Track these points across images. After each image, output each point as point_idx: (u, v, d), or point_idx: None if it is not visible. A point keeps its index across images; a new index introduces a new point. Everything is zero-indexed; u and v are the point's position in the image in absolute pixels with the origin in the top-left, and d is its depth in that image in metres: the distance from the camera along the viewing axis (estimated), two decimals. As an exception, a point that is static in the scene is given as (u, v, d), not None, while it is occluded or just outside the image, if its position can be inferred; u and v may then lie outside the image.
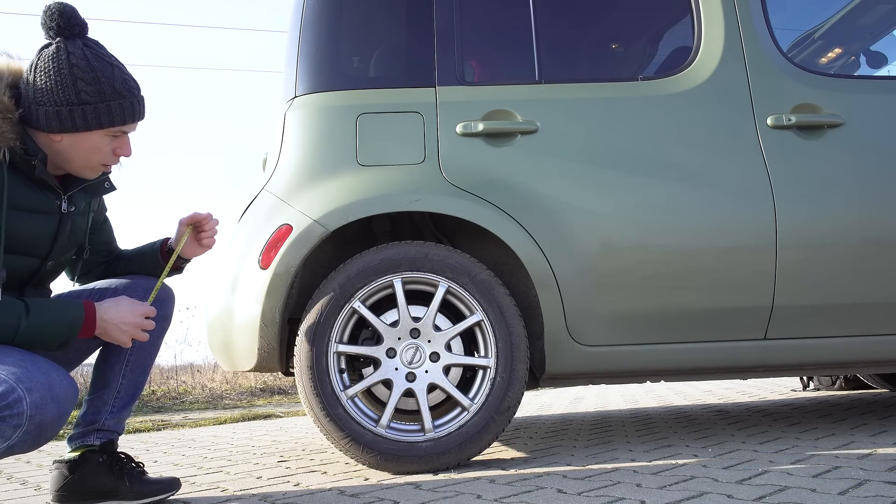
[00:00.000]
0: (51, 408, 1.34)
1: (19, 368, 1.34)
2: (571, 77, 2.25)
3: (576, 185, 2.09)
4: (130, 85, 1.54)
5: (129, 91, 1.53)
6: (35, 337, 1.45)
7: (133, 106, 1.54)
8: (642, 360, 2.11)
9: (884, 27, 2.68)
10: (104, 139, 1.54)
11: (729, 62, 2.20)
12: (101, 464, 1.73)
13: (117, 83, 1.51)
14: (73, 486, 1.71)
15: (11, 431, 1.31)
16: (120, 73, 1.52)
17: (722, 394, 4.86)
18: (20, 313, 1.42)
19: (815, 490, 1.48)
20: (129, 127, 1.57)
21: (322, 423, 1.97)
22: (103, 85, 1.49)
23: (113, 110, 1.50)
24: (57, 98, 1.46)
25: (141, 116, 1.58)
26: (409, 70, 2.20)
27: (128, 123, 1.55)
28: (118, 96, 1.51)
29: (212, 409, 5.99)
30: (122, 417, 1.80)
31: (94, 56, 1.49)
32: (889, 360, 2.19)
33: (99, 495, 1.73)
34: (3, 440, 1.32)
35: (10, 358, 1.37)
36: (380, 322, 2.02)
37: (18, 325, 1.42)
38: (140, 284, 1.81)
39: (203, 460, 2.64)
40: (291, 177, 2.13)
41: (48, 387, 1.35)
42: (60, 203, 1.59)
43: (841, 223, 2.11)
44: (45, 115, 1.47)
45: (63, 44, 1.48)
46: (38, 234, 1.56)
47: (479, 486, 1.73)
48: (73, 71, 1.46)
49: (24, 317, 1.42)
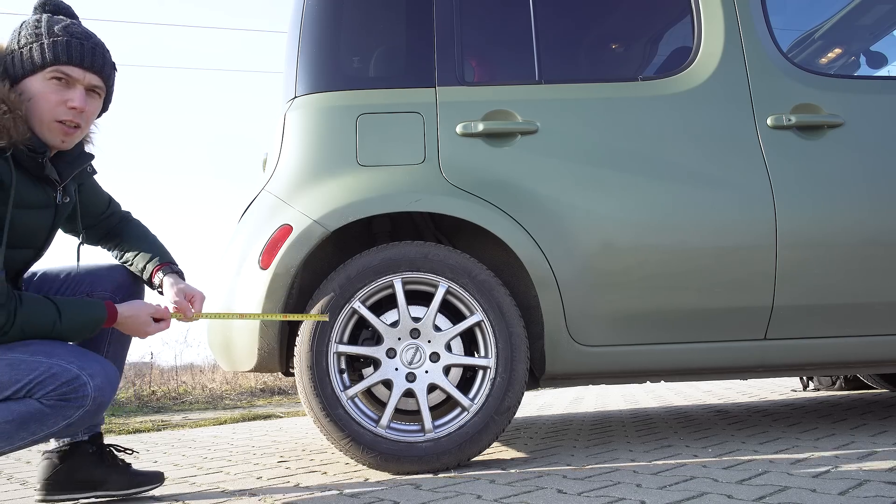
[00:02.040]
0: (108, 391, 1.50)
1: (77, 356, 1.48)
2: (571, 77, 2.25)
3: (576, 185, 2.09)
4: (74, 31, 1.48)
5: (70, 34, 1.47)
6: (66, 334, 1.54)
7: (70, 44, 1.46)
8: (642, 360, 2.11)
9: (884, 27, 2.68)
10: (48, 85, 1.46)
11: (729, 62, 2.20)
12: (92, 454, 1.79)
13: (57, 27, 1.47)
14: (62, 475, 1.76)
15: (74, 411, 1.46)
16: (70, 25, 1.49)
17: (722, 394, 4.86)
18: (55, 318, 1.50)
19: (815, 490, 1.48)
20: (74, 70, 1.47)
21: (322, 424, 1.97)
22: (41, 30, 1.47)
23: (45, 48, 1.45)
24: (6, 50, 1.47)
25: (87, 62, 1.48)
26: (409, 70, 2.20)
27: (64, 63, 1.45)
28: (54, 35, 1.46)
29: (212, 410, 5.99)
30: None
31: (50, 19, 1.49)
32: (889, 360, 2.19)
33: (87, 486, 1.78)
34: (64, 419, 1.46)
35: (62, 349, 1.49)
36: (380, 322, 2.01)
37: (53, 328, 1.50)
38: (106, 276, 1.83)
39: (203, 460, 2.64)
40: (291, 177, 2.13)
41: (104, 373, 1.50)
42: (56, 195, 1.60)
43: (841, 223, 2.11)
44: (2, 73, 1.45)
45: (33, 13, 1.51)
46: (37, 228, 1.59)
47: (479, 486, 1.73)
48: (22, 25, 1.48)
49: (58, 321, 1.50)
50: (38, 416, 1.44)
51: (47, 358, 1.45)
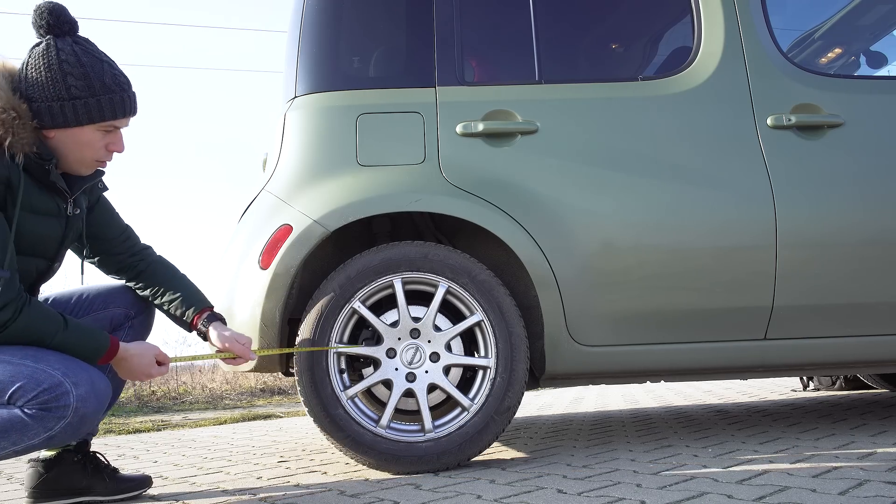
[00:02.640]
0: (93, 402, 1.43)
1: (64, 365, 1.42)
2: (571, 77, 2.25)
3: (576, 185, 2.09)
4: (120, 80, 1.54)
5: (119, 86, 1.53)
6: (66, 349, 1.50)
7: (123, 101, 1.54)
8: (642, 360, 2.10)
9: (884, 27, 2.68)
10: (96, 134, 1.54)
11: (729, 62, 2.20)
12: (76, 463, 1.81)
13: (107, 78, 1.51)
14: (48, 483, 1.79)
15: (55, 422, 1.39)
16: (110, 68, 1.52)
17: (722, 394, 4.86)
18: (59, 328, 1.48)
19: (815, 490, 1.48)
20: (121, 122, 1.57)
21: (322, 424, 1.97)
22: (93, 80, 1.49)
23: (103, 105, 1.50)
24: (48, 94, 1.46)
25: (132, 112, 1.58)
26: (409, 70, 2.20)
27: (118, 118, 1.54)
28: (108, 91, 1.50)
29: (212, 410, 5.98)
30: None
31: (83, 52, 1.49)
32: (889, 360, 2.19)
33: (74, 492, 1.81)
34: (45, 430, 1.39)
35: (53, 356, 1.44)
36: (380, 322, 2.01)
37: (54, 337, 1.47)
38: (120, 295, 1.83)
39: (203, 460, 2.64)
40: (291, 177, 2.13)
41: (91, 383, 1.43)
42: (66, 206, 1.62)
43: (841, 223, 2.11)
44: (37, 111, 1.47)
45: (53, 41, 1.48)
46: (47, 236, 1.59)
47: (479, 487, 1.73)
48: (63, 66, 1.46)
49: (61, 331, 1.48)
50: (19, 426, 1.39)
51: (34, 362, 1.41)
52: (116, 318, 1.82)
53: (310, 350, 1.96)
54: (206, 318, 1.80)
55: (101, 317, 1.81)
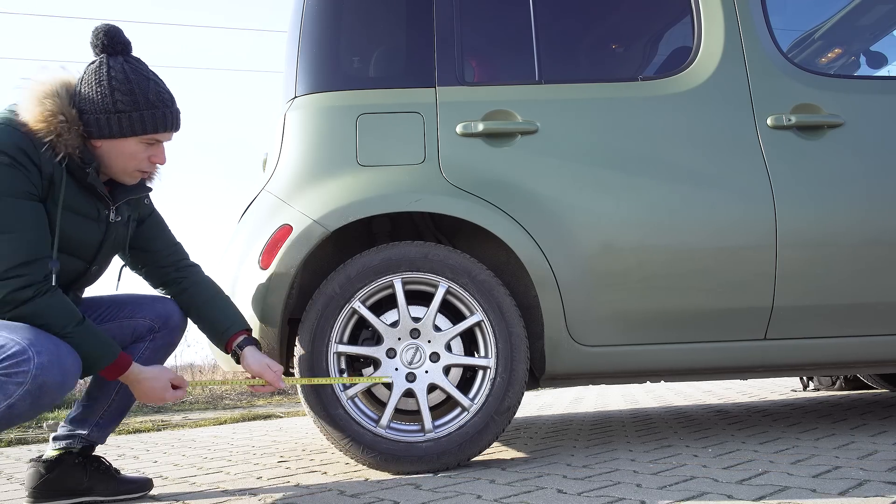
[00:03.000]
0: (55, 372, 1.44)
1: (34, 335, 1.45)
2: (571, 77, 2.25)
3: (576, 185, 2.09)
4: (164, 97, 1.64)
5: (163, 102, 1.63)
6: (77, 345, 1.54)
7: (166, 116, 1.64)
8: (642, 360, 2.10)
9: (884, 27, 2.68)
10: (139, 146, 1.64)
11: (729, 62, 2.20)
12: (77, 464, 1.83)
13: (151, 95, 1.61)
14: (49, 484, 1.80)
15: (14, 388, 1.41)
16: (155, 86, 1.63)
17: (722, 394, 4.86)
18: (71, 324, 1.53)
19: (815, 490, 1.48)
20: (163, 136, 1.66)
21: (322, 424, 1.97)
22: (138, 96, 1.59)
23: (146, 119, 1.60)
24: (96, 107, 1.58)
25: (175, 127, 1.68)
26: (409, 70, 2.20)
27: (160, 132, 1.64)
28: (151, 106, 1.61)
29: (212, 410, 5.98)
30: (107, 431, 1.92)
31: (132, 70, 1.60)
32: (889, 360, 2.19)
33: (74, 493, 1.82)
34: (5, 397, 1.41)
35: (28, 330, 1.47)
36: (380, 322, 2.01)
37: (63, 330, 1.52)
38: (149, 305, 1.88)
39: (203, 460, 2.64)
40: (291, 177, 2.13)
41: (56, 354, 1.45)
42: (108, 212, 1.71)
43: (841, 223, 2.11)
44: (87, 122, 1.58)
45: (105, 59, 1.60)
46: (86, 238, 1.68)
47: (479, 487, 1.73)
48: (112, 82, 1.58)
49: (71, 327, 1.53)
50: None
51: (7, 332, 1.44)
52: (140, 328, 1.87)
53: (333, 381, 1.96)
54: (242, 342, 1.85)
55: (125, 325, 1.85)
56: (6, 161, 1.48)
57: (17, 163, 1.50)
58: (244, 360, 1.84)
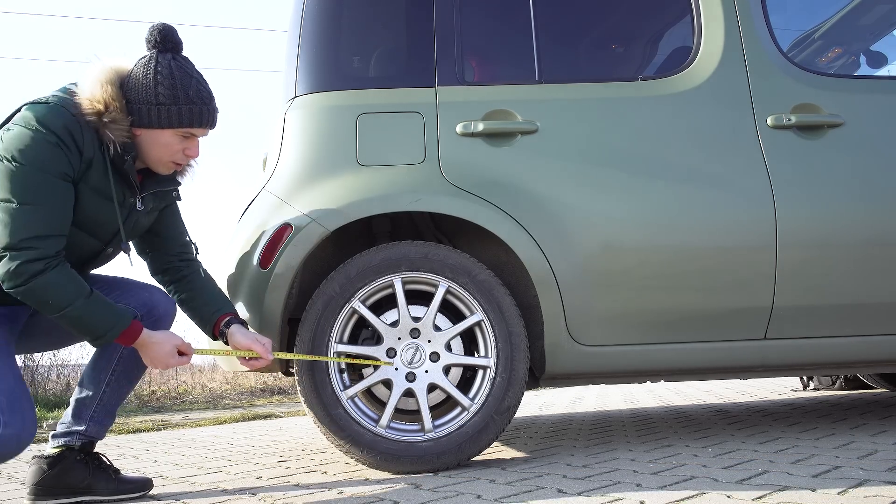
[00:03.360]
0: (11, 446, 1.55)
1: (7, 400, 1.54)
2: (571, 77, 2.25)
3: (576, 185, 2.09)
4: (203, 95, 1.71)
5: (202, 100, 1.71)
6: (79, 321, 1.62)
7: (202, 113, 1.71)
8: (642, 360, 2.10)
9: (884, 27, 2.68)
10: (175, 138, 1.71)
11: (729, 62, 2.20)
12: (79, 461, 1.85)
13: (192, 91, 1.69)
14: (50, 480, 1.82)
15: None
16: (197, 84, 1.71)
17: (722, 394, 4.86)
18: (82, 296, 1.60)
19: (815, 490, 1.48)
20: (199, 131, 1.74)
21: (322, 423, 1.97)
22: (178, 91, 1.68)
23: (182, 113, 1.68)
24: (140, 97, 1.67)
25: (210, 124, 1.75)
26: (409, 70, 2.20)
27: (195, 127, 1.72)
28: (190, 102, 1.69)
29: (212, 410, 5.98)
30: (104, 426, 1.92)
31: (177, 67, 1.69)
32: (889, 360, 2.19)
33: (75, 491, 1.84)
34: None
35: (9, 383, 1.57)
36: (380, 322, 2.01)
37: (74, 303, 1.59)
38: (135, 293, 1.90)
39: (203, 460, 2.64)
40: (291, 177, 2.13)
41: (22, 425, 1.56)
42: (135, 200, 1.78)
43: (841, 223, 2.11)
44: (131, 111, 1.68)
45: (155, 55, 1.70)
46: (107, 220, 1.74)
47: (479, 486, 1.73)
48: (157, 77, 1.67)
49: (82, 299, 1.60)
50: None
51: None
52: None
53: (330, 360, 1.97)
54: (227, 322, 1.88)
55: None
56: (52, 140, 1.57)
57: (63, 143, 1.58)
58: (231, 337, 1.86)
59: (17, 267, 1.54)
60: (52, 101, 1.63)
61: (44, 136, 1.56)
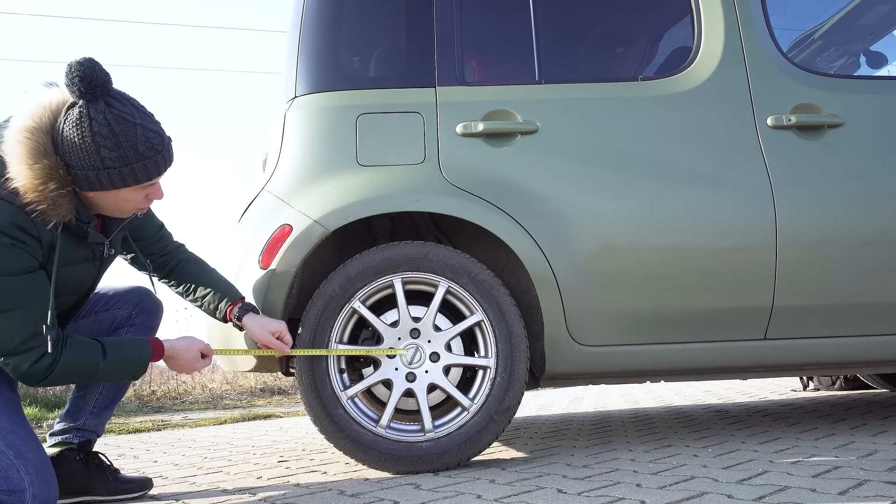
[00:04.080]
0: None
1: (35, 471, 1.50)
2: (571, 77, 2.25)
3: (576, 185, 2.09)
4: (154, 143, 1.52)
5: (153, 150, 1.52)
6: (111, 374, 1.64)
7: (157, 164, 1.54)
8: (642, 360, 2.10)
9: (884, 27, 2.68)
10: (134, 192, 1.56)
11: (729, 62, 2.20)
12: (78, 461, 1.85)
13: (140, 146, 1.49)
14: None
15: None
16: (143, 132, 1.49)
17: (722, 394, 4.86)
18: (98, 355, 1.59)
19: (815, 490, 1.48)
20: (159, 178, 1.59)
21: (322, 423, 1.97)
22: (126, 150, 1.47)
23: (137, 171, 1.51)
24: (83, 163, 1.47)
25: (167, 166, 1.58)
26: (409, 70, 2.20)
27: (153, 179, 1.56)
28: (141, 158, 1.50)
29: (212, 410, 5.98)
30: (102, 419, 1.93)
31: (115, 120, 1.46)
32: (889, 360, 2.19)
33: (75, 491, 1.85)
34: None
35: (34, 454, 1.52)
36: (380, 322, 2.01)
37: (97, 366, 1.59)
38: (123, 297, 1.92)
39: (203, 460, 2.64)
40: (291, 177, 2.13)
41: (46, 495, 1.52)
42: (104, 248, 1.71)
43: (841, 223, 2.11)
44: (75, 177, 1.49)
45: (85, 108, 1.45)
46: (83, 279, 1.70)
47: (479, 486, 1.73)
48: (96, 139, 1.45)
49: (100, 357, 1.59)
50: None
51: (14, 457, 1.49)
52: (118, 318, 1.90)
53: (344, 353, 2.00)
54: (239, 311, 1.88)
55: (101, 318, 1.88)
56: (6, 242, 1.44)
57: (17, 240, 1.45)
58: (247, 329, 1.88)
59: (29, 368, 1.51)
60: None
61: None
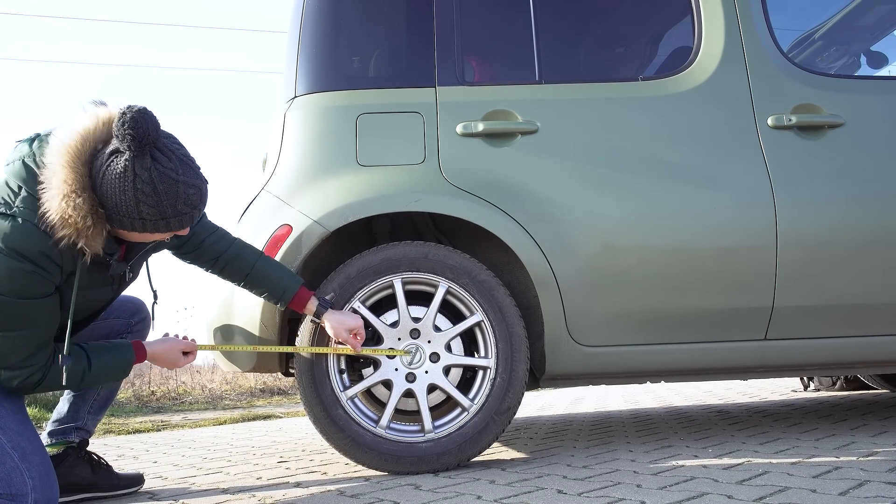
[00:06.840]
0: None
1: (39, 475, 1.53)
2: (571, 77, 2.24)
3: (576, 185, 2.09)
4: (192, 200, 1.52)
5: (190, 205, 1.52)
6: (99, 378, 1.71)
7: (192, 217, 1.55)
8: (642, 360, 2.10)
9: (884, 27, 2.68)
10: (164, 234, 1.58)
11: (729, 62, 2.19)
12: (81, 459, 1.91)
13: (179, 203, 1.49)
14: None
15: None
16: (184, 188, 1.49)
17: (722, 394, 4.86)
18: (84, 363, 1.66)
19: (816, 490, 1.48)
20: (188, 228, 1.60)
21: (321, 424, 1.97)
22: (164, 207, 1.48)
23: (171, 224, 1.52)
24: (120, 210, 1.47)
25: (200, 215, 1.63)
26: (409, 70, 2.20)
27: (185, 229, 1.58)
28: (178, 214, 1.51)
29: (212, 410, 5.98)
30: (97, 419, 2.01)
31: (159, 177, 1.45)
32: (889, 360, 2.19)
33: (78, 488, 1.90)
34: None
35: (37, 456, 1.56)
36: (380, 322, 2.01)
37: (84, 374, 1.66)
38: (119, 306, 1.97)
39: (203, 461, 2.63)
40: (291, 177, 2.13)
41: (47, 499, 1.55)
42: (125, 273, 1.73)
43: (841, 223, 2.11)
44: (109, 216, 1.50)
45: (131, 163, 1.43)
46: (102, 300, 1.75)
47: (479, 487, 1.72)
48: (138, 195, 1.45)
49: (86, 365, 1.66)
50: None
51: (19, 460, 1.52)
52: (116, 326, 1.96)
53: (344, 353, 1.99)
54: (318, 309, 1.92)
55: (98, 325, 1.90)
56: (29, 269, 1.46)
57: (40, 268, 1.48)
58: (326, 326, 1.92)
59: (20, 383, 1.59)
60: (21, 218, 1.46)
61: (20, 266, 1.45)
